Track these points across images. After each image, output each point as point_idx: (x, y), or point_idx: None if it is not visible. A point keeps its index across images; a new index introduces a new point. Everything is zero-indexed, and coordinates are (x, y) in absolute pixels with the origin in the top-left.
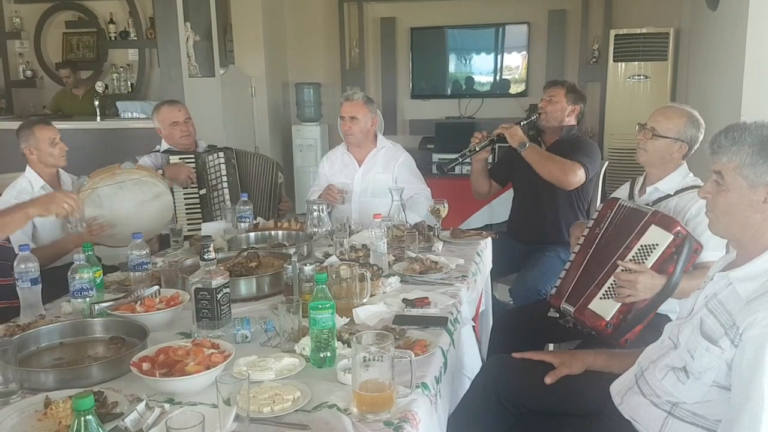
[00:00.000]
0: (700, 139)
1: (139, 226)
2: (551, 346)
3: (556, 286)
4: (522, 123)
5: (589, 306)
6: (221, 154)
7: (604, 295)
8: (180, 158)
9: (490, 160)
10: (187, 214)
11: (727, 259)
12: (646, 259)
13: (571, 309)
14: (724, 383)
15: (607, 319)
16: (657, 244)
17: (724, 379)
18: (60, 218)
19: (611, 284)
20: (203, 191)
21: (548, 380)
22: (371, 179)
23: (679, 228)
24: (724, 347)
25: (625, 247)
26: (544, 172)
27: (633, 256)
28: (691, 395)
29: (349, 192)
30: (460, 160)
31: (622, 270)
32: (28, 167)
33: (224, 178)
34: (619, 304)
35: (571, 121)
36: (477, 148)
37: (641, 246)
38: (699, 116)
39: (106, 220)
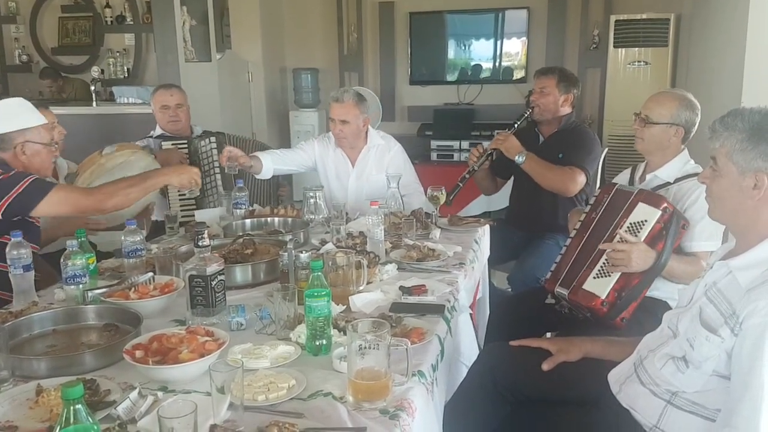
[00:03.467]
0: (697, 121)
1: None
2: (549, 335)
3: (551, 271)
4: (516, 124)
5: (583, 286)
6: (213, 139)
7: (597, 274)
8: (172, 144)
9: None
10: (180, 200)
11: (727, 248)
12: (635, 235)
13: (565, 292)
14: (724, 372)
15: (602, 297)
16: (645, 221)
17: (723, 368)
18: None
19: (604, 262)
20: None
21: (545, 367)
22: (365, 180)
23: (665, 204)
24: (724, 336)
25: (614, 226)
26: (545, 183)
27: (624, 233)
28: (690, 384)
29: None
30: (462, 185)
31: (618, 241)
32: None
33: (216, 164)
34: (614, 281)
35: (566, 109)
36: (476, 167)
37: (630, 224)
38: (693, 98)
39: None
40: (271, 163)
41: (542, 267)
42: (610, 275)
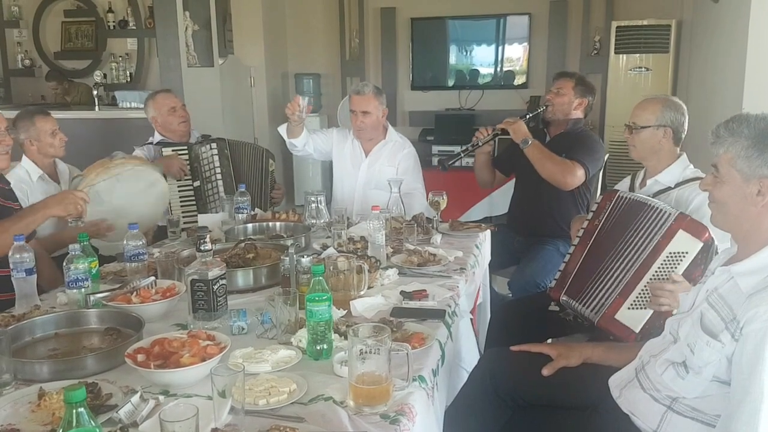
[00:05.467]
0: (684, 121)
1: (139, 215)
2: (549, 341)
3: (555, 279)
4: (528, 116)
5: (616, 316)
6: (214, 145)
7: (633, 305)
8: (173, 150)
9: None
10: (181, 206)
11: (729, 253)
12: (675, 267)
13: (581, 307)
14: (724, 378)
15: (637, 331)
16: (687, 252)
17: (724, 373)
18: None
19: (641, 292)
20: (197, 183)
21: (546, 372)
22: (377, 170)
23: (707, 234)
24: (725, 341)
25: (651, 252)
26: (544, 172)
27: (662, 264)
28: (690, 390)
29: (311, 108)
30: (462, 155)
31: (655, 278)
32: (24, 157)
33: (218, 170)
34: (650, 314)
35: (577, 114)
36: (480, 143)
37: (670, 253)
38: (677, 99)
39: (108, 215)
40: (307, 134)
41: (543, 273)
42: (646, 308)
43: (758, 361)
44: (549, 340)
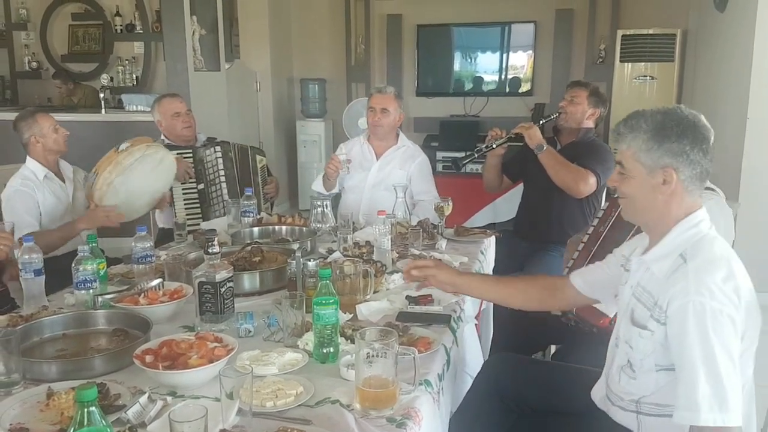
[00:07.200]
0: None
1: (154, 190)
2: (553, 348)
3: None
4: (541, 122)
5: (593, 303)
6: (218, 148)
7: None
8: (178, 153)
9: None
10: (186, 209)
11: (643, 246)
12: None
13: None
14: (666, 364)
15: (611, 316)
16: None
17: (663, 359)
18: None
19: None
20: (201, 186)
21: (414, 272)
22: (387, 173)
23: None
24: (653, 329)
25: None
26: (557, 178)
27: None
28: (644, 387)
29: (351, 162)
30: (476, 156)
31: None
32: (28, 158)
33: (221, 173)
34: None
35: (589, 123)
36: (494, 145)
37: None
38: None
39: (124, 202)
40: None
41: None
42: None
43: (685, 336)
44: (552, 347)
